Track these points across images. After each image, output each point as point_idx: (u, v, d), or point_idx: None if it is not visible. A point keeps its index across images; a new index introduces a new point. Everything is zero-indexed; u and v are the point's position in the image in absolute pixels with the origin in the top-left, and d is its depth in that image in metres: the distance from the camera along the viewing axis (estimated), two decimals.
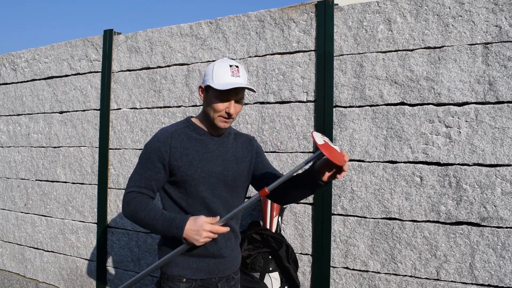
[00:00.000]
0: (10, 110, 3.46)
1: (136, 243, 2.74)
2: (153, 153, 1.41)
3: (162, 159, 1.40)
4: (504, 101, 1.80)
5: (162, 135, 1.44)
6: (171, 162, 1.41)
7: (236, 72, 1.40)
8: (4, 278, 3.45)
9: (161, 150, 1.40)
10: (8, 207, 3.47)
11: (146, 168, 1.42)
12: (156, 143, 1.42)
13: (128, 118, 2.79)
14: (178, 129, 1.47)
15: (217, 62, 1.43)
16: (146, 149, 1.44)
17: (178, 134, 1.45)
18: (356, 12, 2.11)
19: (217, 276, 1.47)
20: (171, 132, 1.45)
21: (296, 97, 2.24)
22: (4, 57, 3.52)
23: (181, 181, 1.42)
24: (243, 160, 1.53)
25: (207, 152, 1.46)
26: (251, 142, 1.60)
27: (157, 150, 1.41)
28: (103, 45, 2.89)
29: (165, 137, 1.43)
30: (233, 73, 1.39)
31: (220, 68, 1.40)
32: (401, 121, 1.98)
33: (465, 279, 1.84)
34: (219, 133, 1.50)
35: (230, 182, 1.48)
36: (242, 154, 1.54)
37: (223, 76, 1.38)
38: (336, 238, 2.12)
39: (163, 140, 1.42)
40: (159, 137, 1.44)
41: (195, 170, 1.41)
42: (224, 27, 2.47)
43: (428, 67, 1.94)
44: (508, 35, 1.80)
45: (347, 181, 2.10)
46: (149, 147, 1.43)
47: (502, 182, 1.79)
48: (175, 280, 1.43)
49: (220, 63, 1.43)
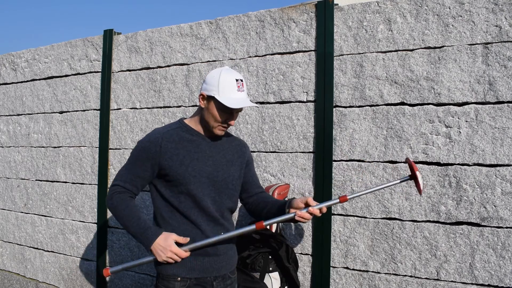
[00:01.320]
0: (10, 110, 3.46)
1: (136, 243, 2.74)
2: (143, 151, 1.46)
3: (151, 159, 1.45)
4: (504, 101, 1.80)
5: (153, 135, 1.49)
6: (161, 162, 1.44)
7: (241, 87, 1.45)
8: (4, 278, 3.45)
9: (151, 150, 1.45)
10: (8, 207, 3.47)
11: (134, 165, 1.48)
12: (146, 143, 1.47)
13: (128, 118, 2.79)
14: (170, 130, 1.51)
15: (222, 73, 1.44)
16: (137, 147, 1.49)
17: (170, 134, 1.48)
18: (356, 12, 2.11)
19: (212, 275, 1.48)
20: (162, 132, 1.49)
21: (296, 97, 2.24)
22: (4, 57, 3.52)
23: (172, 180, 1.45)
24: (233, 163, 1.56)
25: (198, 152, 1.49)
26: (243, 149, 1.64)
27: (146, 149, 1.46)
28: (103, 45, 2.89)
29: (156, 137, 1.47)
30: (238, 87, 1.43)
31: (226, 81, 1.42)
32: (401, 121, 1.98)
33: (465, 279, 1.84)
34: (212, 135, 1.53)
35: (220, 183, 1.50)
36: (233, 157, 1.57)
37: (230, 90, 1.42)
38: (336, 238, 2.12)
39: (154, 141, 1.46)
40: (150, 136, 1.49)
41: (186, 169, 1.44)
42: (224, 27, 2.47)
43: (428, 67, 1.94)
44: (508, 35, 1.80)
45: (347, 181, 2.10)
46: (140, 145, 1.48)
47: (502, 182, 1.79)
48: (170, 279, 1.44)
49: (226, 75, 1.44)
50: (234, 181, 1.55)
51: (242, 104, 1.41)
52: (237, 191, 1.60)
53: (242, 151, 1.61)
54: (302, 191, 2.20)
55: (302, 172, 2.20)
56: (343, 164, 2.11)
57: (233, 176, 1.54)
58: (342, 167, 2.11)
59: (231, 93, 1.41)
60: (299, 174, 2.21)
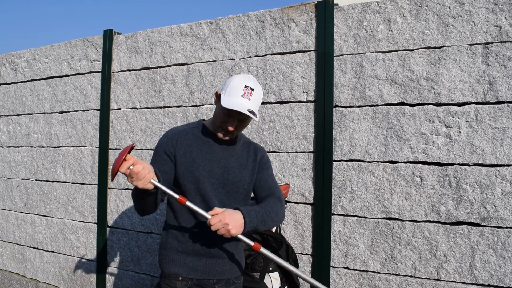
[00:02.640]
0: (10, 110, 3.46)
1: (136, 243, 2.74)
2: (160, 147, 1.49)
3: (169, 152, 1.47)
4: (504, 101, 1.80)
5: (171, 132, 1.53)
6: (176, 155, 1.47)
7: (248, 95, 1.40)
8: (4, 278, 3.45)
9: (168, 144, 1.48)
10: (8, 207, 3.47)
11: (154, 161, 1.49)
12: (164, 138, 1.51)
13: (128, 118, 2.79)
14: (187, 128, 1.54)
15: (239, 76, 1.45)
16: (157, 145, 1.53)
17: (186, 132, 1.52)
18: (356, 12, 2.11)
19: (214, 277, 1.47)
20: (179, 130, 1.53)
21: (296, 97, 2.24)
22: (4, 57, 3.52)
23: (182, 177, 1.46)
24: (246, 168, 1.53)
25: (211, 153, 1.50)
26: (257, 153, 1.58)
27: (164, 144, 1.49)
28: (103, 45, 2.89)
29: (174, 133, 1.51)
30: (244, 94, 1.40)
31: (236, 84, 1.41)
32: (401, 121, 1.98)
33: (465, 279, 1.84)
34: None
35: (230, 186, 1.49)
36: (246, 162, 1.55)
37: (234, 94, 1.40)
38: (336, 238, 2.12)
39: (171, 136, 1.50)
40: (168, 133, 1.53)
41: (197, 168, 1.45)
42: (224, 27, 2.47)
43: (428, 67, 1.94)
44: (508, 35, 1.80)
45: (347, 181, 2.10)
46: (159, 142, 1.52)
47: (502, 182, 1.79)
48: (171, 278, 1.45)
49: (240, 79, 1.43)
50: (246, 185, 1.52)
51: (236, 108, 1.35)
52: (249, 195, 1.57)
53: (256, 155, 1.57)
54: (302, 191, 2.20)
55: (302, 172, 2.20)
56: (343, 164, 2.11)
57: (244, 180, 1.52)
58: (342, 167, 2.11)
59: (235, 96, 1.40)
60: (299, 174, 2.21)
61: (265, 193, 1.54)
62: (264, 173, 1.57)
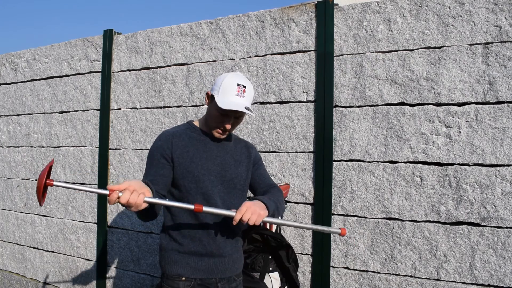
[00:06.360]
0: (10, 110, 3.46)
1: (136, 243, 2.74)
2: (156, 151, 1.47)
3: (166, 155, 1.46)
4: (504, 101, 1.80)
5: (164, 135, 1.51)
6: (173, 157, 1.46)
7: (242, 92, 1.43)
8: (4, 278, 3.45)
9: (164, 147, 1.46)
10: (8, 207, 3.47)
11: (151, 166, 1.47)
12: (158, 142, 1.49)
13: (128, 118, 2.79)
14: (179, 130, 1.53)
15: (228, 75, 1.46)
16: (150, 151, 1.51)
17: (179, 134, 1.51)
18: (356, 12, 2.11)
19: (217, 276, 1.48)
20: (172, 132, 1.51)
21: (296, 97, 2.24)
22: (4, 57, 3.52)
23: (181, 178, 1.46)
24: (241, 163, 1.57)
25: (207, 152, 1.51)
26: (249, 150, 1.64)
27: (159, 148, 1.47)
28: (103, 45, 2.89)
29: (167, 136, 1.49)
30: (238, 92, 1.42)
31: (228, 83, 1.43)
32: (401, 121, 1.98)
33: (465, 279, 1.84)
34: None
35: (228, 183, 1.51)
36: (240, 158, 1.59)
37: (228, 93, 1.41)
38: (336, 238, 2.12)
39: (165, 139, 1.48)
40: (161, 137, 1.51)
41: (196, 167, 1.46)
42: (224, 27, 2.47)
43: (428, 67, 1.94)
44: (508, 35, 1.80)
45: (347, 181, 2.10)
46: (152, 148, 1.50)
47: (502, 182, 1.79)
48: (174, 279, 1.45)
49: (230, 78, 1.45)
50: (242, 181, 1.56)
51: (234, 107, 1.38)
52: (245, 191, 1.60)
53: (248, 152, 1.62)
54: (302, 191, 2.20)
55: (302, 172, 2.20)
56: (343, 164, 2.11)
57: (241, 176, 1.55)
58: (342, 167, 2.11)
59: (229, 95, 1.41)
60: (299, 174, 2.21)
61: (265, 188, 1.61)
62: (260, 169, 1.64)
